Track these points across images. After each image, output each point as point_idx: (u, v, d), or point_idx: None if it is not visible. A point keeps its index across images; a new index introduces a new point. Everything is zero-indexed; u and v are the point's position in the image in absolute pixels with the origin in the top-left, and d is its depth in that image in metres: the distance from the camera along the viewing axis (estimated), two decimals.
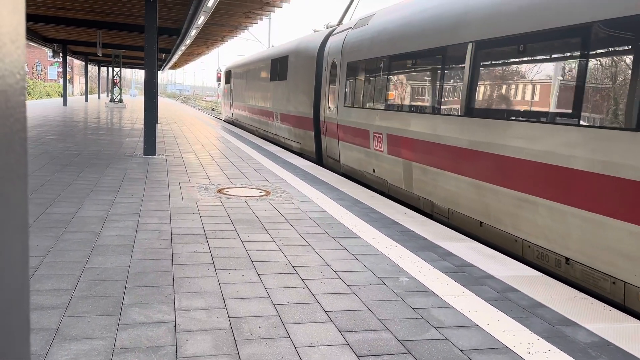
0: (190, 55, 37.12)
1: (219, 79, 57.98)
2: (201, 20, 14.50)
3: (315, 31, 14.95)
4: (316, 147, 12.51)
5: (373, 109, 9.04)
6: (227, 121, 27.11)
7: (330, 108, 11.33)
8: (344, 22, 13.97)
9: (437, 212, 7.00)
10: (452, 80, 6.78)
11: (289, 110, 14.35)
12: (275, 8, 16.16)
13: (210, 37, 24.89)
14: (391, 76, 8.49)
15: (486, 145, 5.84)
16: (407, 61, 7.96)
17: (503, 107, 5.76)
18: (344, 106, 10.38)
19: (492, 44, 5.95)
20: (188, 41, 20.57)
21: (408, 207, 7.64)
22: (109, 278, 3.76)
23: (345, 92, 10.39)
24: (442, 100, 6.95)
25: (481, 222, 6.03)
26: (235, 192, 7.28)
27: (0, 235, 0.48)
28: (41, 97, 46.89)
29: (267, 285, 3.78)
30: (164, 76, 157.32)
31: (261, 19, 18.91)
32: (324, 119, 11.73)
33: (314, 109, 12.39)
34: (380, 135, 8.62)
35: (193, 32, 17.53)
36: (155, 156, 10.58)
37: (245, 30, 22.15)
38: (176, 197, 6.73)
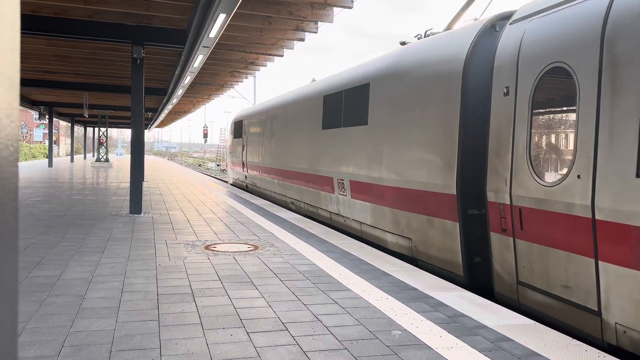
0: (177, 113, 37.66)
1: (205, 136, 58.55)
2: (187, 80, 14.82)
3: (403, 44, 8.66)
4: (465, 254, 6.30)
5: None
6: (237, 186, 20.83)
7: (544, 178, 5.11)
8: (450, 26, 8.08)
9: None
10: None
11: (378, 178, 8.16)
12: (260, 67, 16.62)
13: (196, 96, 25.37)
14: None
15: None
16: None
17: None
18: None
19: None
20: (175, 100, 20.92)
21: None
22: (94, 342, 3.65)
23: None
24: None
25: None
26: (222, 247, 7.22)
27: None
28: (26, 159, 46.81)
29: (257, 344, 3.69)
30: (151, 134, 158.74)
31: (246, 77, 19.41)
32: (516, 202, 5.34)
33: (460, 179, 6.34)
34: None
35: (180, 92, 17.86)
36: (142, 214, 10.51)
37: (231, 88, 22.65)
38: (163, 255, 6.64)
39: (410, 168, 7.32)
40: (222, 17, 7.88)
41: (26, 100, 26.72)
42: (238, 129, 20.13)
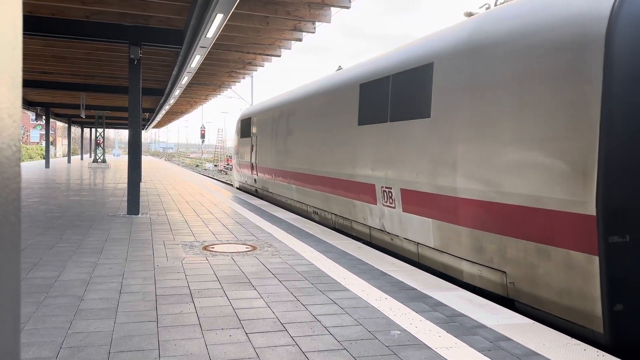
0: (174, 114, 37.61)
1: (202, 136, 58.51)
2: (185, 80, 14.80)
3: (469, 15, 6.98)
4: (607, 302, 4.24)
5: None
6: (244, 190, 18.75)
7: None
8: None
9: None
10: None
11: (450, 187, 6.24)
12: (258, 67, 16.61)
13: (193, 96, 25.34)
14: None
15: None
16: None
17: None
18: None
19: None
20: (172, 100, 20.89)
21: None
22: (93, 343, 3.64)
23: None
24: None
25: None
26: (221, 248, 7.20)
27: None
28: (23, 160, 46.71)
29: (256, 345, 3.69)
30: (148, 135, 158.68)
31: (244, 78, 19.39)
32: None
33: (604, 193, 4.26)
34: None
35: (177, 92, 17.84)
36: (139, 215, 10.49)
37: (229, 89, 22.64)
38: (160, 256, 6.63)
39: (507, 175, 5.30)
40: (219, 17, 7.87)
41: (23, 101, 26.66)
42: (246, 127, 17.70)
